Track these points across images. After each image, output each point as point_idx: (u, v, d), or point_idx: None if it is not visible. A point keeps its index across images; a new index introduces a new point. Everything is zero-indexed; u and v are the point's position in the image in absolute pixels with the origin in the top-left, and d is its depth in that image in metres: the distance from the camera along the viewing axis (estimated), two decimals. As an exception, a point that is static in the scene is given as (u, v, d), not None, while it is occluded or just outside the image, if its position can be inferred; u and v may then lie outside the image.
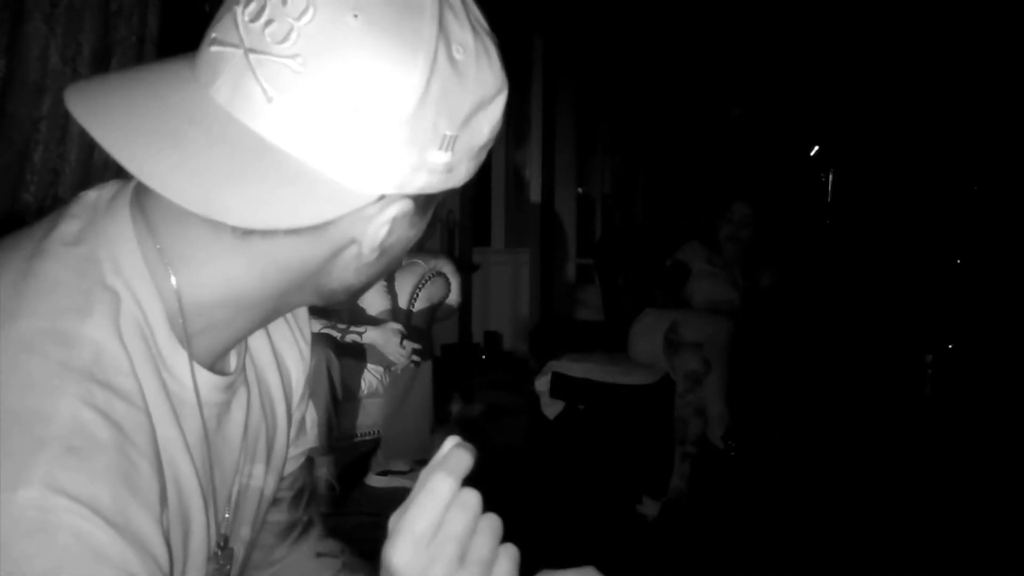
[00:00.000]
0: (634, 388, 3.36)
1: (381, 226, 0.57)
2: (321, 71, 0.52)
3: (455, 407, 3.06)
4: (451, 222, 5.13)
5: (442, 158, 0.56)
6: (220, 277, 0.59)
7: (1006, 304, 4.65)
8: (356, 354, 2.91)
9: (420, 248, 4.84)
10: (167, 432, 0.58)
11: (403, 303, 3.29)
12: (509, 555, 0.56)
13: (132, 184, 0.61)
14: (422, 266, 3.43)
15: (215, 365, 0.65)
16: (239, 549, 0.72)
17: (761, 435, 3.32)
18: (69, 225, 0.59)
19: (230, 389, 0.66)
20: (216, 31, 0.54)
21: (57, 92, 2.25)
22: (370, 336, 2.85)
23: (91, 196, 0.62)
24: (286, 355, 0.78)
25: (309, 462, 0.88)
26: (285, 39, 0.52)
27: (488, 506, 0.61)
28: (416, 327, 3.17)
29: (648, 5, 5.38)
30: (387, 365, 2.96)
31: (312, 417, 0.88)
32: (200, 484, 0.62)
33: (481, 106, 0.58)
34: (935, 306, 4.97)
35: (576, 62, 5.91)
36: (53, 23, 2.20)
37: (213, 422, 0.65)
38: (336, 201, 0.54)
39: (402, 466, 3.03)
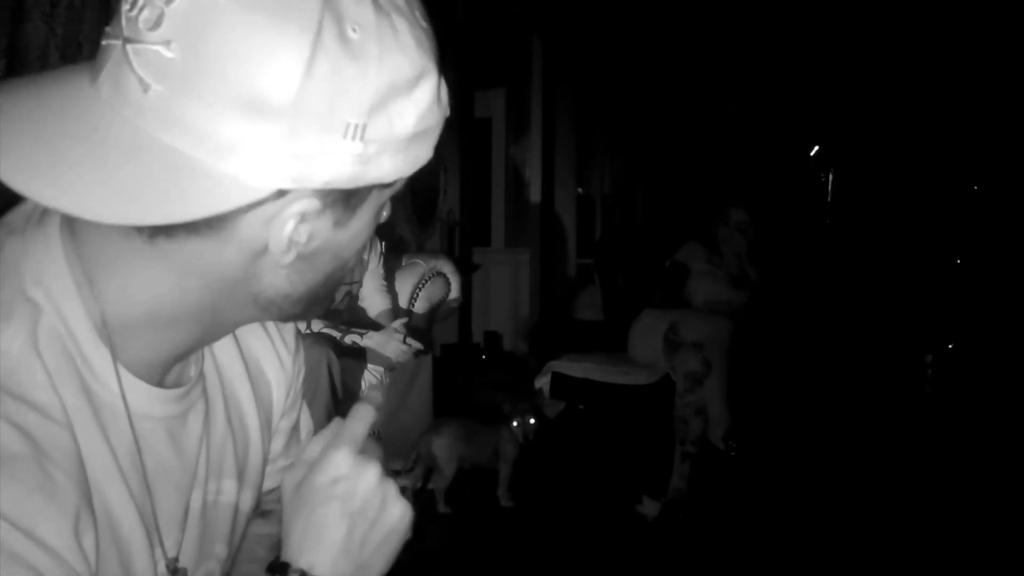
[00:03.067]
0: (634, 388, 3.35)
1: (284, 224, 0.54)
2: (192, 55, 0.49)
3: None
4: (451, 222, 5.13)
5: (350, 149, 0.53)
6: (140, 286, 0.57)
7: (1006, 304, 4.65)
8: (356, 354, 2.90)
9: (420, 248, 4.86)
10: (93, 447, 0.56)
11: (403, 303, 3.29)
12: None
13: None
14: (422, 266, 3.44)
15: (164, 378, 0.63)
16: (214, 567, 0.71)
17: (761, 435, 3.32)
18: None
19: (182, 402, 0.64)
20: (111, 25, 0.53)
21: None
22: (371, 339, 2.85)
23: (28, 206, 0.60)
24: (265, 366, 0.77)
25: None
26: (157, 24, 0.49)
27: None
28: (416, 327, 3.17)
29: (648, 6, 5.38)
30: (387, 366, 2.95)
31: (308, 426, 0.85)
32: (134, 501, 0.60)
33: (395, 92, 0.53)
34: (935, 306, 4.97)
35: (576, 62, 5.91)
36: (53, 23, 2.21)
37: (160, 435, 0.63)
38: (220, 194, 0.51)
39: (402, 465, 3.03)
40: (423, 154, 0.58)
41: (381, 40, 0.52)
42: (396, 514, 0.62)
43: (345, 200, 0.56)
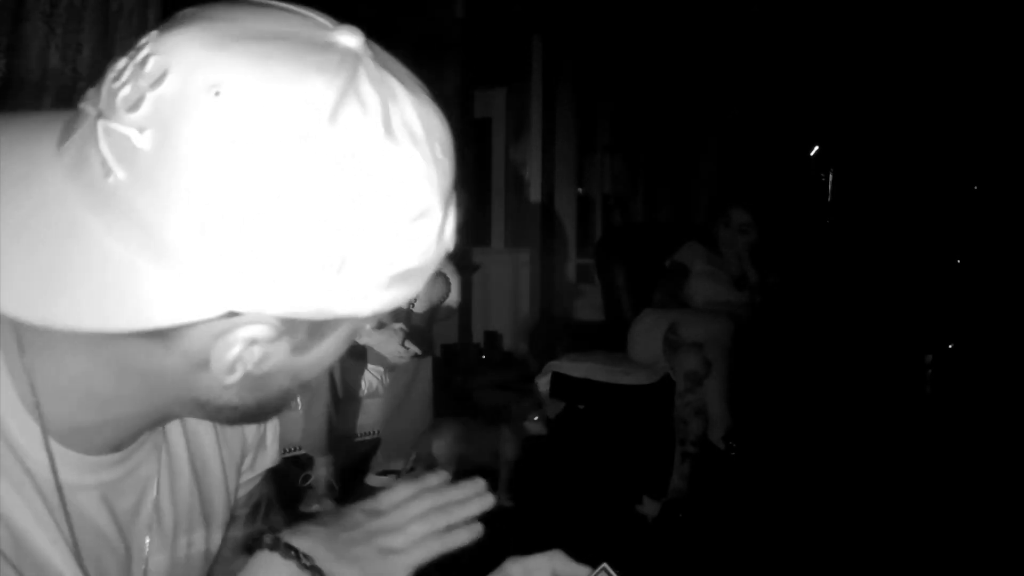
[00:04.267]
0: (634, 388, 3.36)
1: (230, 346, 0.49)
2: (164, 149, 0.44)
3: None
4: (451, 222, 5.12)
5: (321, 281, 0.47)
6: (75, 370, 0.53)
7: (1006, 304, 4.65)
8: (356, 354, 2.91)
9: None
10: (29, 517, 0.54)
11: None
12: (430, 546, 0.68)
13: None
14: (422, 266, 3.44)
15: (113, 447, 0.60)
16: None
17: (761, 435, 3.32)
18: None
19: (118, 467, 0.61)
20: (94, 88, 0.48)
21: (57, 92, 2.25)
22: (371, 337, 2.84)
23: None
24: None
25: (285, 470, 0.86)
26: (135, 107, 0.45)
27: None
28: (416, 327, 3.17)
29: (648, 5, 5.38)
30: (387, 366, 2.95)
31: (274, 431, 0.82)
32: (81, 567, 0.57)
33: (386, 228, 0.48)
34: (935, 306, 4.97)
35: (576, 62, 5.90)
36: (53, 23, 2.21)
37: (93, 503, 0.59)
38: (158, 308, 0.45)
39: (402, 465, 3.03)
40: (410, 290, 0.52)
41: (383, 170, 0.47)
42: (396, 547, 0.66)
43: (309, 328, 0.51)
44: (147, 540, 0.64)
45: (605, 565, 0.68)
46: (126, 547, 0.63)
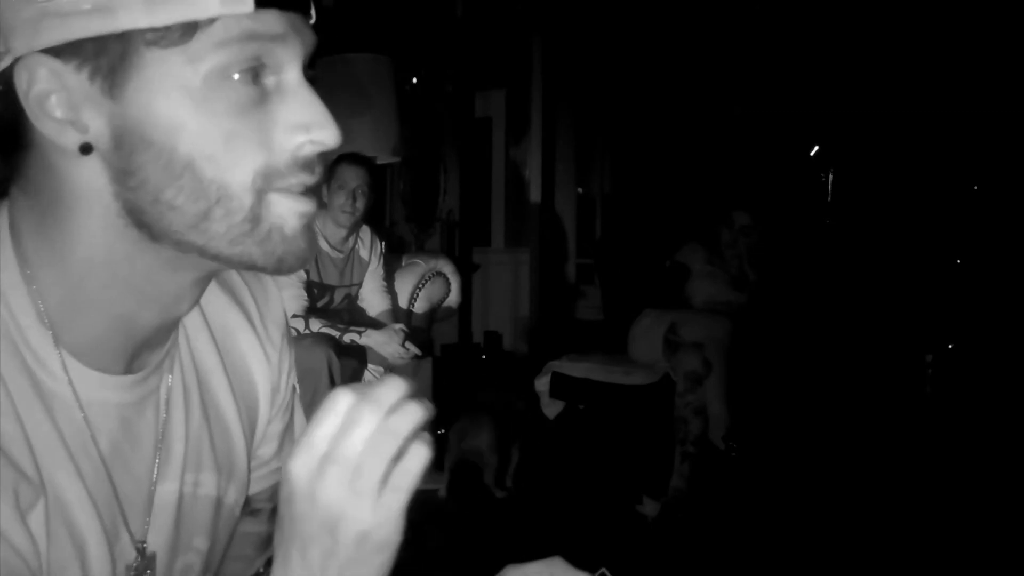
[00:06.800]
0: (634, 388, 3.35)
1: (27, 94, 0.51)
2: None
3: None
4: (451, 222, 5.13)
5: None
6: (61, 267, 0.56)
7: (1006, 304, 4.65)
8: (356, 354, 2.91)
9: (420, 248, 4.84)
10: (40, 431, 0.55)
11: (403, 303, 3.29)
12: (399, 485, 0.51)
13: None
14: (422, 266, 3.44)
15: (129, 366, 0.62)
16: (193, 559, 0.69)
17: (762, 435, 3.32)
18: None
19: (135, 389, 0.63)
20: None
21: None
22: (371, 337, 2.85)
23: None
24: (250, 362, 0.74)
25: None
26: None
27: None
28: (416, 327, 3.17)
29: (649, 5, 5.38)
30: (388, 365, 2.96)
31: (302, 426, 0.81)
32: (85, 484, 0.58)
33: None
34: (935, 306, 4.97)
35: (576, 62, 5.91)
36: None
37: (111, 422, 0.61)
38: None
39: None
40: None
41: None
42: (370, 520, 0.51)
43: (96, 60, 0.50)
44: (156, 462, 0.65)
45: (604, 571, 0.67)
46: (147, 468, 0.64)
